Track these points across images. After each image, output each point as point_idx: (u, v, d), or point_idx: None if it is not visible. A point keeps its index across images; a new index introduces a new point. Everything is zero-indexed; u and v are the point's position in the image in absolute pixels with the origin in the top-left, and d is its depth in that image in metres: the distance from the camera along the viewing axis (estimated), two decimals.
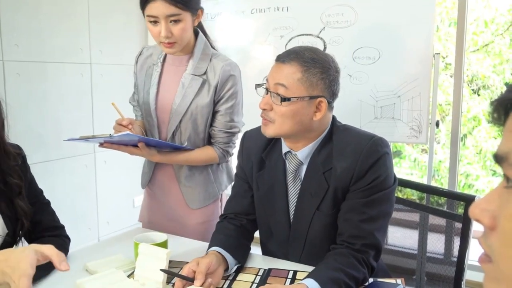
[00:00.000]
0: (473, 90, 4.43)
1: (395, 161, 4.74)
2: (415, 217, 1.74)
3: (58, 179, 2.62)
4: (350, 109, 2.32)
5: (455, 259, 1.43)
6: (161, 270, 1.07)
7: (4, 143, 1.16)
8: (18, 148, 1.24)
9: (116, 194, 3.00)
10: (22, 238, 1.23)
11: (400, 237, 1.87)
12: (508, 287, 0.40)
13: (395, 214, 1.81)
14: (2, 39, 2.30)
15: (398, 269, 1.74)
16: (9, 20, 2.32)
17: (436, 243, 1.67)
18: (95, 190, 2.90)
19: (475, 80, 4.46)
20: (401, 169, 4.54)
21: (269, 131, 1.18)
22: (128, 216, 2.89)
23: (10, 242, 1.18)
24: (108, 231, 2.95)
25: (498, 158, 0.42)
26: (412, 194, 1.83)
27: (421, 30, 2.17)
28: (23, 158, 1.25)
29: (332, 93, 1.17)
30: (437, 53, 2.23)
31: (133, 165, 2.98)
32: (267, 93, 1.17)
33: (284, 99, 1.13)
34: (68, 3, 2.60)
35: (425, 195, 1.68)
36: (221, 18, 2.62)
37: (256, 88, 1.22)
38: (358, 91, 2.31)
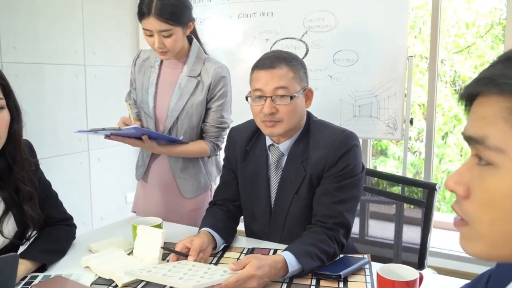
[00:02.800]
0: (455, 90, 4.61)
1: (380, 159, 4.91)
2: (391, 209, 1.88)
3: (53, 176, 2.69)
4: (331, 107, 2.48)
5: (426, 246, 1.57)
6: (162, 248, 1.22)
7: (22, 151, 1.20)
8: (29, 146, 1.29)
9: (109, 190, 3.11)
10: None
11: (378, 229, 2.03)
12: (483, 243, 0.49)
13: (375, 208, 1.97)
14: (0, 42, 2.42)
15: (377, 258, 1.89)
16: (7, 24, 2.43)
17: (410, 233, 1.82)
18: (89, 187, 3.01)
19: (457, 80, 4.64)
20: (386, 168, 4.68)
21: (279, 130, 1.31)
22: (121, 212, 3.01)
23: (16, 244, 1.25)
24: (101, 226, 3.07)
25: (471, 139, 0.49)
26: (382, 184, 1.98)
27: (396, 34, 2.33)
28: (36, 164, 1.29)
29: (308, 82, 1.36)
30: (411, 56, 2.40)
31: (125, 162, 3.11)
32: (265, 100, 1.29)
33: (292, 97, 1.28)
34: (63, 7, 2.72)
35: (400, 186, 1.83)
36: (210, 22, 2.76)
37: (247, 99, 1.35)
38: (338, 91, 2.47)
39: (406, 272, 1.03)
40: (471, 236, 0.50)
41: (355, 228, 2.43)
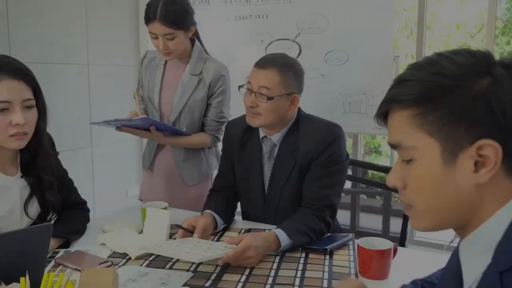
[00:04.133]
0: None
1: (374, 156, 5.08)
2: (380, 202, 2.04)
3: None
4: (323, 104, 2.63)
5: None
6: (176, 225, 1.37)
7: (43, 145, 1.33)
8: (49, 140, 1.42)
9: (111, 184, 3.24)
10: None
11: (368, 221, 2.18)
12: (425, 219, 0.65)
13: (365, 202, 2.12)
14: (10, 43, 2.56)
15: None
16: (17, 27, 2.57)
17: (396, 225, 1.97)
18: (92, 181, 3.15)
19: None
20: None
21: (257, 122, 1.48)
22: (123, 205, 3.14)
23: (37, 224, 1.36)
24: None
25: (393, 146, 0.66)
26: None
27: (383, 36, 2.48)
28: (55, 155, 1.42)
29: (301, 89, 1.50)
30: (397, 56, 2.56)
31: (126, 158, 3.25)
32: (251, 93, 1.45)
33: (269, 98, 1.42)
34: (68, 10, 2.86)
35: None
36: (209, 24, 2.90)
37: (239, 89, 1.51)
38: (329, 89, 2.62)
39: (383, 244, 1.18)
40: (416, 215, 0.66)
41: (347, 221, 2.58)
